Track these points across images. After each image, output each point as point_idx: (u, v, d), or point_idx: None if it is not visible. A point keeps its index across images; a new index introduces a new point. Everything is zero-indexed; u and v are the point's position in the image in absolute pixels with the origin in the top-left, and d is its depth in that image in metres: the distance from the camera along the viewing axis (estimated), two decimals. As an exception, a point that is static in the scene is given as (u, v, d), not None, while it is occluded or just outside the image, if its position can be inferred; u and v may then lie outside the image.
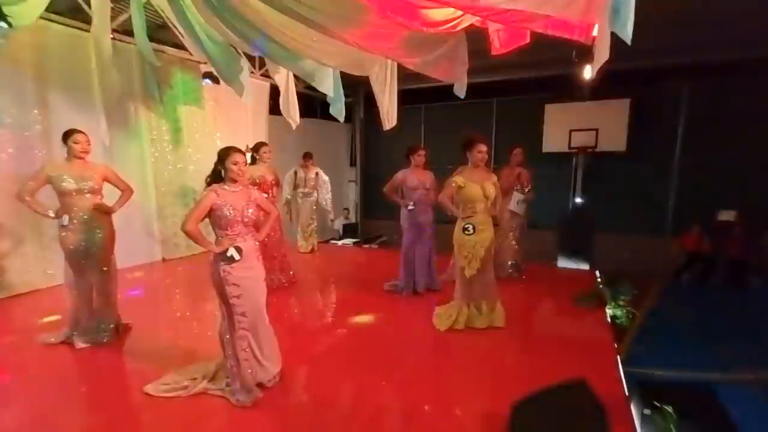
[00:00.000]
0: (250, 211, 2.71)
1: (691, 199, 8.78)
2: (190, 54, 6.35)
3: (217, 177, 2.72)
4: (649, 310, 5.80)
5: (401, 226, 4.74)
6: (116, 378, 3.25)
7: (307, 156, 7.32)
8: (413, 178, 4.65)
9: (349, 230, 10.76)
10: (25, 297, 4.98)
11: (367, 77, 5.07)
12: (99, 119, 5.37)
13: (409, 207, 4.60)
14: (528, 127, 9.20)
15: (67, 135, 3.59)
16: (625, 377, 3.04)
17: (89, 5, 4.76)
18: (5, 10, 3.53)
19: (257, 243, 2.81)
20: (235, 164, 2.67)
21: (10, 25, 4.53)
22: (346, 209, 11.52)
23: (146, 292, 5.38)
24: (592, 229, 8.93)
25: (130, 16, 5.13)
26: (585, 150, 8.80)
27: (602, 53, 2.54)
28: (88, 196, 3.59)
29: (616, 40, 2.68)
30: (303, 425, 2.61)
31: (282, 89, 6.17)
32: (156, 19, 6.17)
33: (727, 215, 7.93)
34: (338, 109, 5.74)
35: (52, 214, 3.53)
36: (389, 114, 5.08)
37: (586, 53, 4.23)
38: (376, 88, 4.95)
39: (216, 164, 2.71)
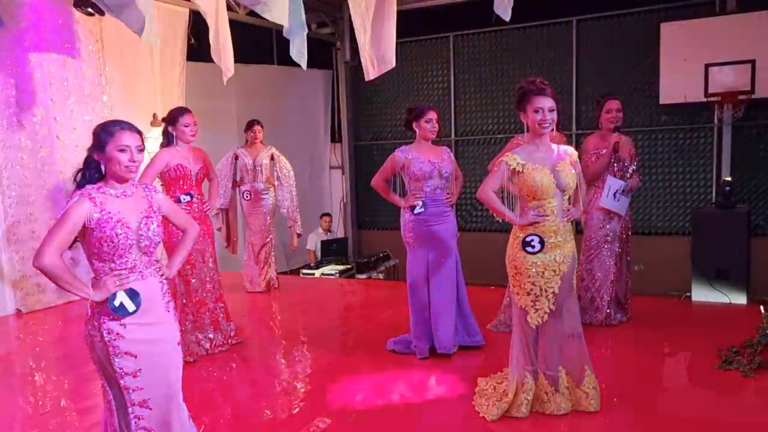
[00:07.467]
0: (152, 227, 2.14)
1: None
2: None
3: (92, 172, 2.11)
4: None
5: (404, 241, 3.76)
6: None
7: (254, 127, 4.99)
8: (421, 159, 3.58)
9: (332, 250, 7.60)
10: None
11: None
12: None
13: (417, 209, 3.59)
14: (633, 64, 6.53)
15: None
16: None
17: None
18: None
19: (165, 281, 2.22)
20: (123, 150, 2.02)
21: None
22: (327, 215, 8.08)
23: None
24: (748, 235, 5.74)
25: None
26: (734, 97, 5.78)
27: None
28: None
29: None
30: None
31: (210, 21, 4.23)
32: None
33: None
34: (299, 50, 4.04)
35: None
36: (376, 55, 3.80)
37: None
38: (355, 13, 3.80)
39: (90, 151, 2.10)
